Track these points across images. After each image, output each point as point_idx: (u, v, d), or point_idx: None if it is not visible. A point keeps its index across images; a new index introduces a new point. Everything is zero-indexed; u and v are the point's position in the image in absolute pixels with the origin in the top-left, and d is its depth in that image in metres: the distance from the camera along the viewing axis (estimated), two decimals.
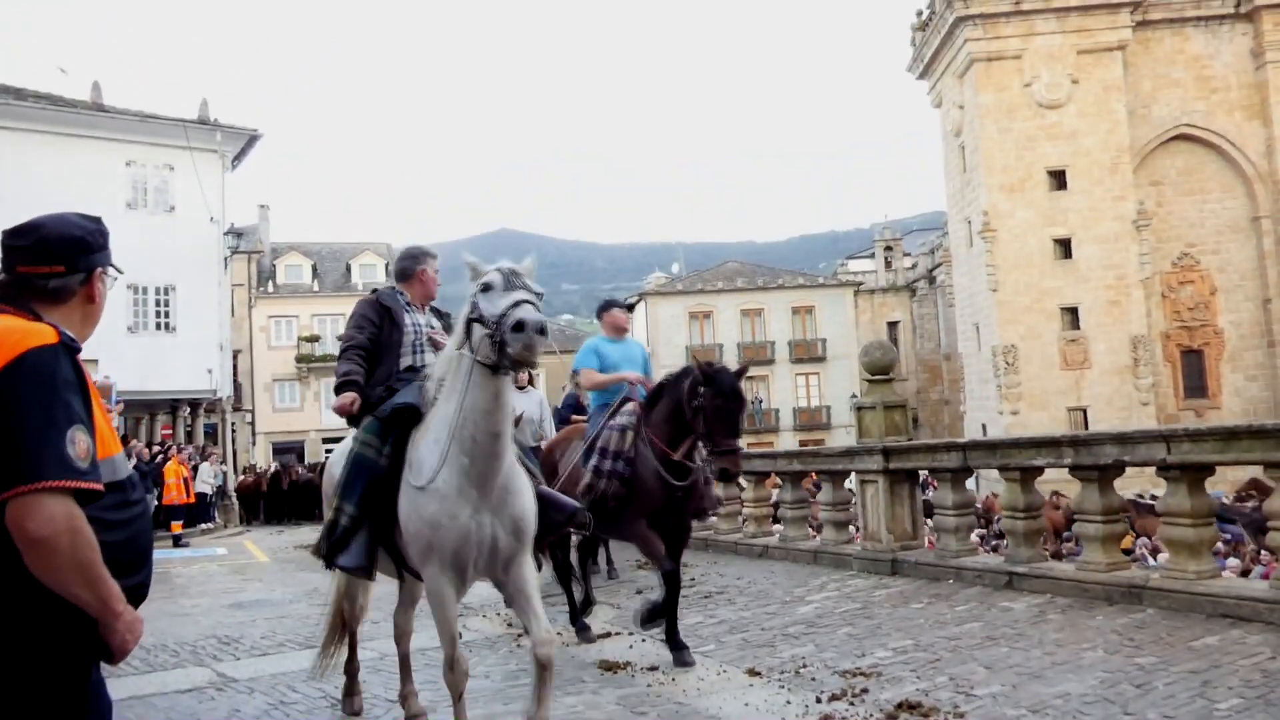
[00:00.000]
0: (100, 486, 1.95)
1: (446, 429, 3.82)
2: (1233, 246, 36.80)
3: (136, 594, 2.11)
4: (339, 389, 4.55)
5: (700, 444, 5.82)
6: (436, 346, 4.71)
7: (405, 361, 4.67)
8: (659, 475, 5.82)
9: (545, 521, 4.12)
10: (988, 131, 36.51)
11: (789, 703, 4.87)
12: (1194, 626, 5.75)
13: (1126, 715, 4.29)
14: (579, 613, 6.92)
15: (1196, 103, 36.64)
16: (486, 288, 3.67)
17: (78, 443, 1.92)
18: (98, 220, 2.31)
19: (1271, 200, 36.04)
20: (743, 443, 5.78)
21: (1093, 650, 5.42)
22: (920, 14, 40.87)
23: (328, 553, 4.25)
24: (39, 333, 1.99)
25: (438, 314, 5.04)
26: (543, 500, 4.19)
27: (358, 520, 4.14)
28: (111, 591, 1.97)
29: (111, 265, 2.31)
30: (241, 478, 29.28)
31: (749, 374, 6.51)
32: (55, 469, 1.88)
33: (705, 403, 5.54)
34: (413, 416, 4.15)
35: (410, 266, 4.96)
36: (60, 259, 2.17)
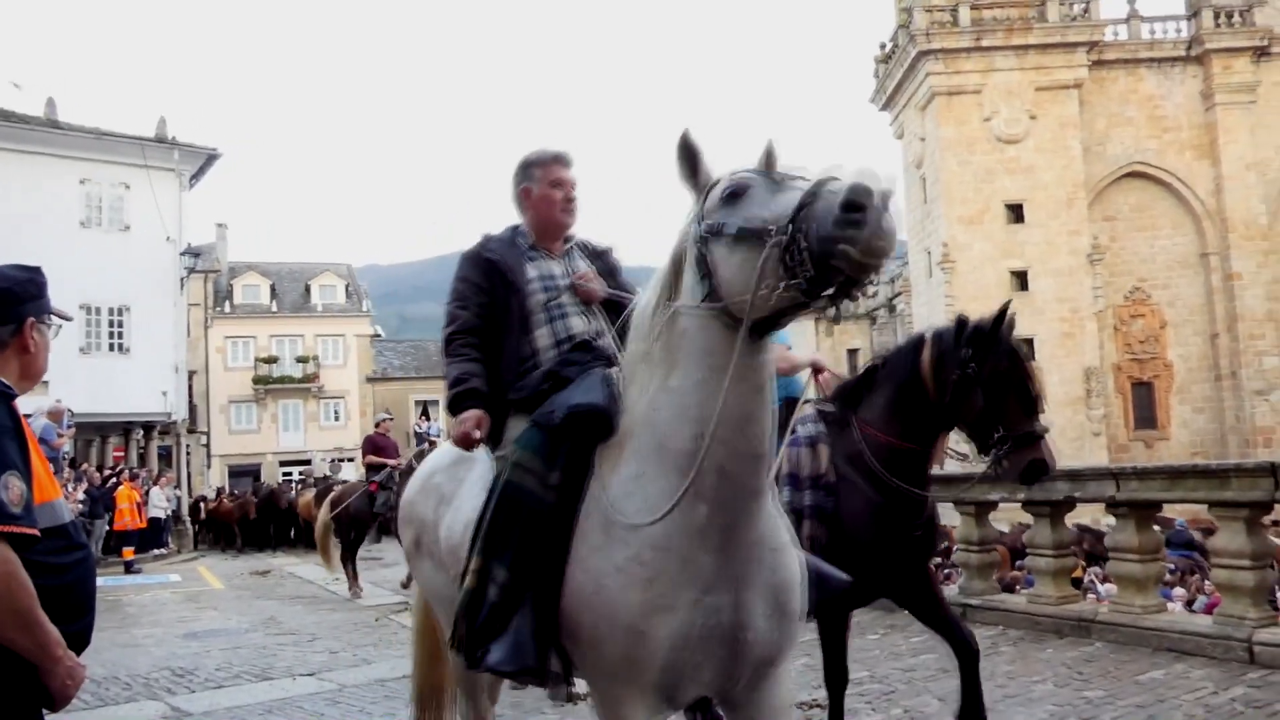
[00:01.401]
0: (35, 531, 1.96)
1: (658, 449, 2.39)
2: (1182, 282, 37.67)
3: (78, 640, 2.11)
4: (453, 406, 2.99)
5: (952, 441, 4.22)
6: (589, 300, 3.14)
7: (542, 339, 3.04)
8: (879, 503, 4.00)
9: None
10: (948, 164, 37.16)
11: None
12: (1140, 660, 5.88)
13: None
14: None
15: (1149, 141, 37.57)
16: (735, 195, 2.23)
17: (11, 488, 1.93)
18: (33, 270, 2.31)
19: (1219, 238, 36.99)
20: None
21: (1043, 684, 5.53)
22: (883, 46, 41.61)
23: (469, 643, 2.66)
24: None
25: (592, 254, 3.30)
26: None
27: (515, 590, 2.57)
28: (50, 637, 1.97)
29: (50, 313, 2.31)
30: (219, 500, 28.14)
31: None
32: None
33: (981, 371, 3.80)
34: (599, 426, 2.59)
35: (518, 184, 3.21)
36: None
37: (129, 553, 18.27)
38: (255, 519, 25.06)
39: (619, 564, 2.36)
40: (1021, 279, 36.37)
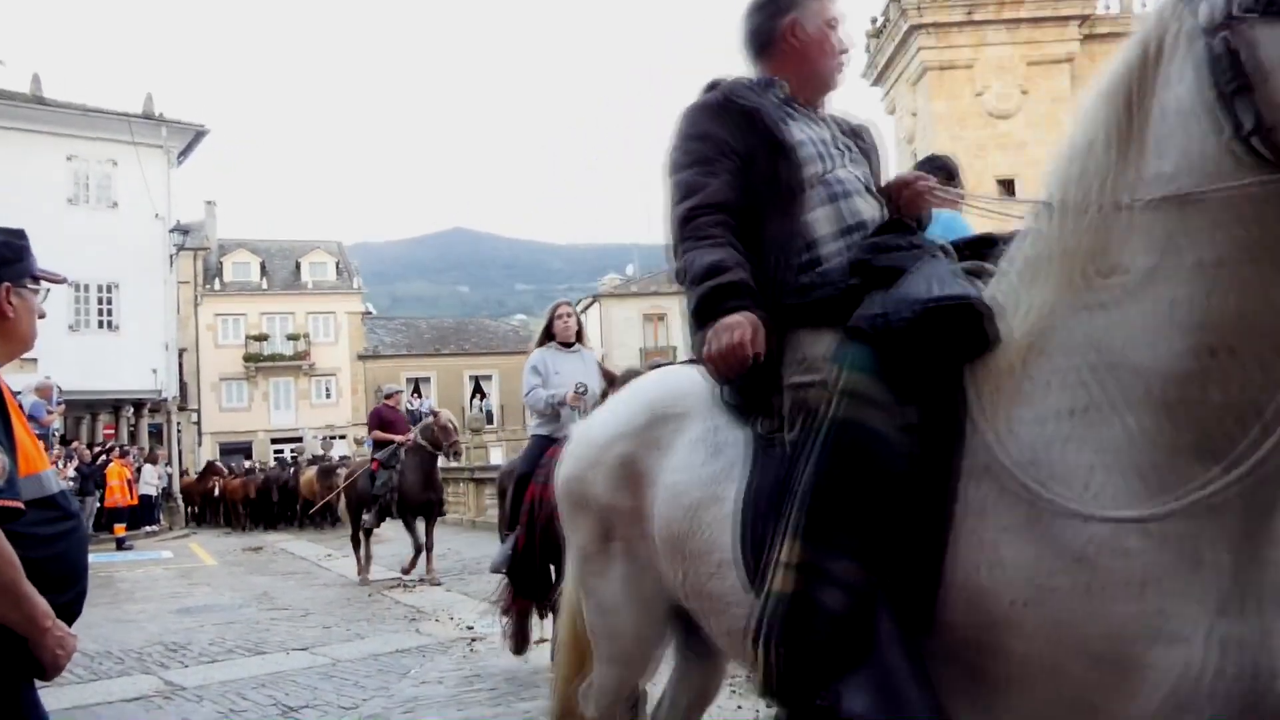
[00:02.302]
0: (18, 504, 1.93)
1: (1106, 369, 1.52)
2: None
3: (69, 610, 2.08)
4: (705, 307, 1.98)
5: None
6: (915, 205, 2.27)
7: (821, 224, 2.11)
8: None
9: None
10: (940, 139, 36.96)
11: (740, 708, 4.91)
12: None
13: None
14: None
15: None
16: None
17: None
18: (12, 233, 2.23)
19: None
20: None
21: None
22: (875, 21, 41.39)
23: (791, 679, 1.72)
24: None
25: (849, 132, 2.35)
26: None
27: (868, 596, 1.67)
28: (38, 608, 1.94)
29: (33, 276, 2.23)
30: (228, 478, 26.69)
31: None
32: None
33: None
34: (973, 330, 1.68)
35: (779, 16, 2.29)
36: None
37: (121, 529, 18.27)
38: (256, 498, 24.16)
39: (1078, 554, 1.46)
40: None
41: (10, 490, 1.92)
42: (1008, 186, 37.04)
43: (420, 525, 10.72)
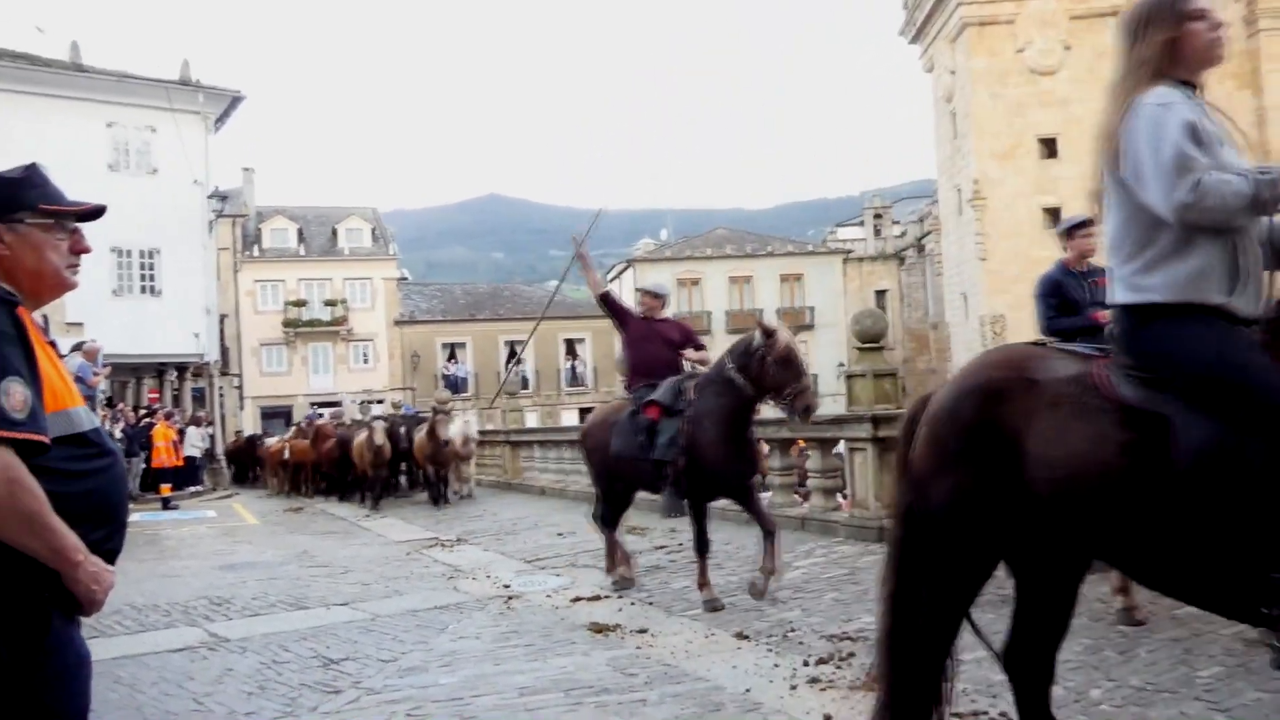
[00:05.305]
0: (41, 437, 1.91)
1: None
2: None
3: (104, 547, 2.05)
4: None
5: None
6: None
7: None
8: None
9: None
10: (979, 97, 36.38)
11: (777, 665, 4.92)
12: None
13: (1109, 681, 4.36)
14: None
15: None
16: None
17: (12, 394, 1.88)
18: (24, 168, 2.17)
19: None
20: None
21: (1077, 618, 5.45)
22: None
23: None
24: None
25: None
26: None
27: None
28: (66, 541, 1.93)
29: (28, 209, 2.13)
30: (290, 437, 22.50)
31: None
32: None
33: None
34: None
35: None
36: None
37: (166, 489, 18.64)
38: (325, 464, 19.53)
39: None
40: (1054, 216, 35.74)
41: (32, 424, 1.90)
42: (1049, 146, 36.40)
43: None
